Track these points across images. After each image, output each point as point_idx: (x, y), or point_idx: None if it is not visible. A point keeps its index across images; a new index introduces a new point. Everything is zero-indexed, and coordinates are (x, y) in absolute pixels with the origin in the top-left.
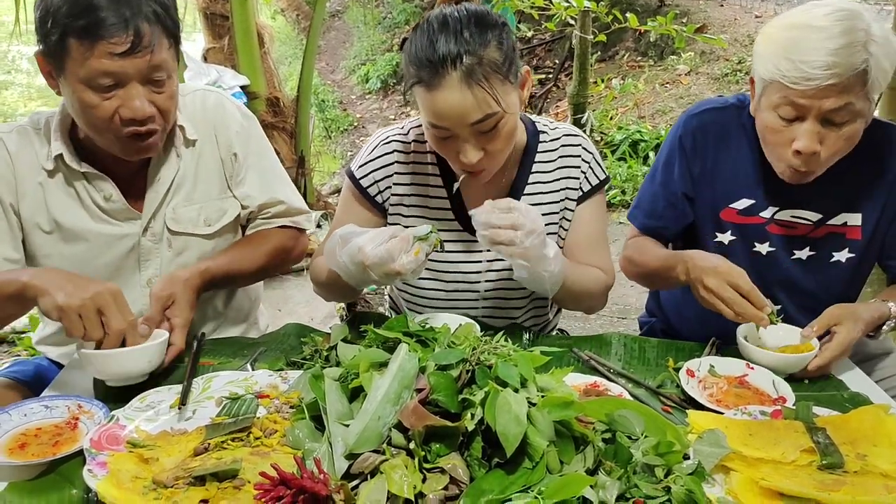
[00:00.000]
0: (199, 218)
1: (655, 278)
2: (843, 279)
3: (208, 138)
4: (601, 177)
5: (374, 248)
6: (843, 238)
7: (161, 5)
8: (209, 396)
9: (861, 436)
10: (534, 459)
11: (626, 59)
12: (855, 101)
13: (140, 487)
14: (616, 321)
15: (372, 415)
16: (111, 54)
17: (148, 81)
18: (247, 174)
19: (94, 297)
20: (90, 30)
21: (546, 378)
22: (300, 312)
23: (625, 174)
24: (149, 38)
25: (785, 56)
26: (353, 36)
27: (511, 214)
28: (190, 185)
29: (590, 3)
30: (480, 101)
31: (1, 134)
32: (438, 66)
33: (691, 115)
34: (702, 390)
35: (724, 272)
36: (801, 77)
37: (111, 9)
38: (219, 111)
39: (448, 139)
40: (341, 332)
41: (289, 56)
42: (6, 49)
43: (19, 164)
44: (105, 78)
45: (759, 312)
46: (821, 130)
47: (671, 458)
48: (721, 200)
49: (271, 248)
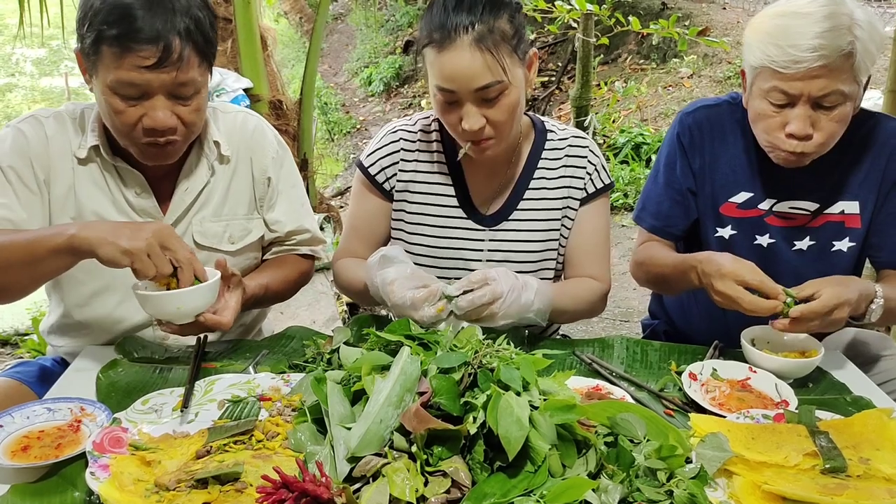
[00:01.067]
0: (225, 234)
1: (669, 283)
2: (845, 268)
3: (244, 159)
4: (606, 181)
5: (402, 291)
6: (843, 227)
7: (196, 23)
8: (211, 399)
9: (864, 440)
10: (536, 463)
11: (628, 62)
12: (842, 85)
13: (142, 490)
14: (619, 324)
15: (374, 418)
16: (139, 66)
17: (173, 95)
18: (278, 200)
19: (155, 234)
20: (121, 39)
21: (548, 381)
22: (303, 315)
23: (627, 177)
24: (178, 54)
25: (773, 42)
26: (356, 39)
27: (487, 287)
28: (219, 201)
29: (592, 7)
30: (488, 66)
31: (41, 118)
32: (451, 30)
33: (686, 113)
34: (704, 394)
35: (729, 272)
36: (790, 60)
37: (145, 20)
38: (257, 135)
39: (453, 105)
40: (343, 334)
41: (292, 59)
42: (10, 52)
43: (54, 148)
44: (130, 88)
45: (770, 304)
46: (812, 114)
47: (673, 462)
48: (720, 195)
49: (297, 275)
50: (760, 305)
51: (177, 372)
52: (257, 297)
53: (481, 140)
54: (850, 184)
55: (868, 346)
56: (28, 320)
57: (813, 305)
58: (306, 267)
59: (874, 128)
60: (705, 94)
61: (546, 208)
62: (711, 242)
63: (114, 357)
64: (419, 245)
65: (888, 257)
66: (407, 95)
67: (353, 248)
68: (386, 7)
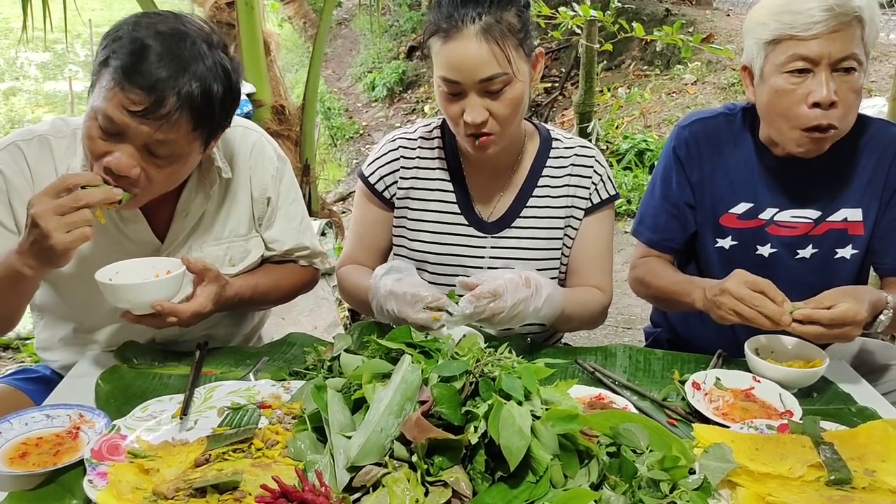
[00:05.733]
0: (225, 258)
1: (668, 302)
2: (848, 275)
3: (243, 178)
4: (611, 192)
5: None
6: (846, 234)
7: (203, 91)
8: (211, 406)
9: (869, 451)
10: (537, 473)
11: (632, 69)
12: (857, 50)
13: (140, 499)
14: (621, 331)
15: (374, 427)
16: (124, 107)
17: (148, 150)
18: (276, 218)
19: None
20: (122, 73)
21: (550, 390)
22: (304, 322)
23: (630, 183)
24: (167, 112)
25: (787, 10)
26: (360, 44)
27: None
28: (220, 224)
29: (596, 13)
30: (494, 56)
31: (21, 144)
32: (458, 19)
33: (682, 126)
34: (708, 403)
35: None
36: (809, 22)
37: (151, 67)
38: (257, 153)
39: (457, 96)
40: (344, 341)
41: (295, 63)
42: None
43: (39, 176)
44: (110, 123)
45: (777, 308)
46: (833, 81)
47: (676, 473)
48: (720, 206)
49: (294, 281)
50: (768, 306)
51: (176, 379)
52: (244, 296)
53: (482, 136)
54: (853, 190)
55: (873, 356)
56: (30, 325)
57: (823, 313)
58: (307, 276)
59: (875, 134)
60: (709, 100)
61: (549, 217)
62: (711, 254)
63: (113, 363)
64: (420, 252)
65: (893, 264)
66: (410, 101)
67: (355, 255)
68: (390, 12)
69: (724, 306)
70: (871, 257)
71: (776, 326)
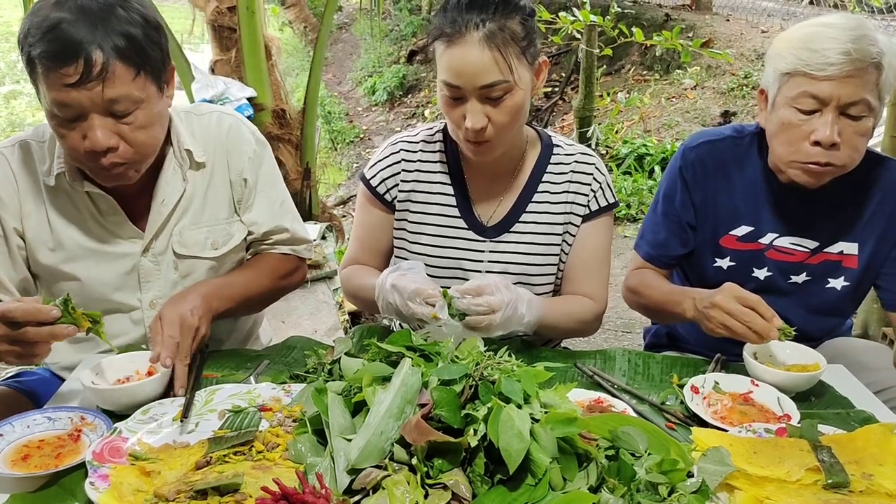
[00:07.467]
0: (207, 241)
1: (659, 312)
2: (835, 304)
3: (220, 162)
4: (610, 200)
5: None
6: (840, 266)
7: (127, 39)
8: (212, 409)
9: (867, 455)
10: (536, 476)
11: (631, 73)
12: (869, 96)
13: (142, 501)
14: (620, 335)
15: (374, 430)
16: (64, 85)
17: (110, 113)
18: (255, 200)
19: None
20: (46, 57)
21: (549, 394)
22: (304, 325)
23: (630, 188)
24: (100, 68)
25: (806, 47)
26: (360, 48)
27: (483, 298)
28: (198, 208)
29: (596, 18)
30: (495, 64)
31: (4, 150)
32: (462, 25)
33: (689, 147)
34: (706, 407)
35: (728, 287)
36: (824, 63)
37: (67, 36)
38: (233, 135)
39: (458, 101)
40: (345, 345)
41: (296, 67)
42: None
43: (22, 183)
44: (65, 109)
45: (766, 324)
46: (839, 123)
47: (675, 476)
48: (721, 227)
49: (277, 277)
50: (756, 320)
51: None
52: (229, 310)
53: (480, 142)
54: (853, 225)
55: (870, 359)
56: None
57: None
58: (290, 266)
59: (882, 173)
60: (709, 105)
61: (548, 222)
62: (709, 273)
63: None
64: (420, 254)
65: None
66: (410, 105)
67: (357, 257)
68: (390, 17)
69: (714, 320)
70: (878, 293)
71: (764, 342)
